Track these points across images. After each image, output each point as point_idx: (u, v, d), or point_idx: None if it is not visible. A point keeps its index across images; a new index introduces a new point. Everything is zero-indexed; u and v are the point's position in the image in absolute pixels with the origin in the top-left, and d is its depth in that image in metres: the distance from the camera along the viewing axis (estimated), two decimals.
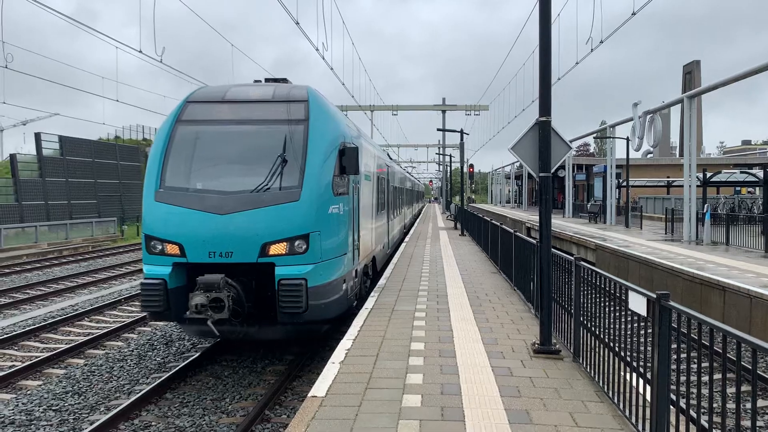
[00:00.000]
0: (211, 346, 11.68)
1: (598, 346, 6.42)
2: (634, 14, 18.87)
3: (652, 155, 59.67)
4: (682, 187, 24.99)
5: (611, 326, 5.97)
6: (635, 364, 5.31)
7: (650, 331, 4.77)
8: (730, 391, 9.15)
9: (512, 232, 13.42)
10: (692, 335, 4.34)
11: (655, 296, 4.68)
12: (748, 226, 22.14)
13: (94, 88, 79.29)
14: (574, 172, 50.20)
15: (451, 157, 58.50)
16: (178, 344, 12.61)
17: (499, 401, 6.00)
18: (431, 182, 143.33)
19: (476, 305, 11.14)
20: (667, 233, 26.40)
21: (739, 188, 44.05)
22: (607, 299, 6.15)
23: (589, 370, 6.75)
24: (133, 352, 12.01)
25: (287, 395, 9.26)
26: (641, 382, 5.12)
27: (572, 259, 7.51)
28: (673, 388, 4.61)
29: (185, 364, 10.38)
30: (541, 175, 7.91)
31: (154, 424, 8.18)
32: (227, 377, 10.12)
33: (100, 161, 48.43)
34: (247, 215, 9.19)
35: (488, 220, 19.93)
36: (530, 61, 30.47)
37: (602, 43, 20.91)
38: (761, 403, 8.86)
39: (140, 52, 18.74)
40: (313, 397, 6.19)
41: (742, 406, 7.98)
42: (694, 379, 5.92)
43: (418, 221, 47.24)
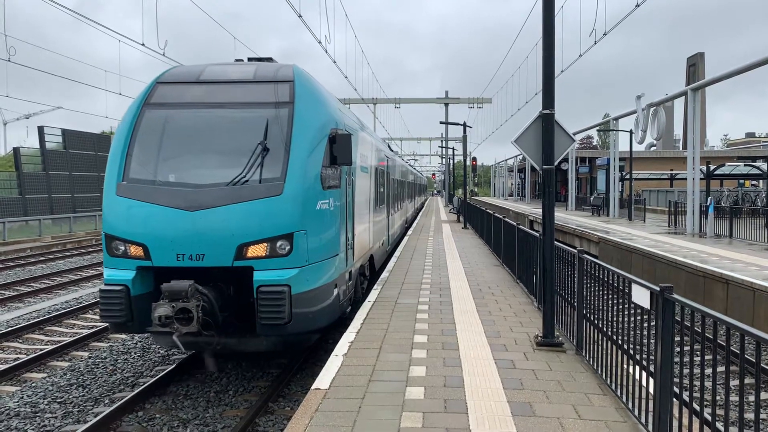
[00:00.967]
0: None
1: (601, 338, 6.42)
2: (638, 5, 18.78)
3: (655, 148, 59.51)
4: (685, 179, 24.93)
5: (614, 319, 5.97)
6: (638, 356, 5.32)
7: (653, 323, 4.78)
8: (733, 383, 9.16)
9: (515, 224, 13.41)
10: (695, 328, 4.34)
11: (658, 289, 4.68)
12: (751, 218, 22.09)
13: (97, 81, 79.27)
14: (577, 164, 50.11)
15: (453, 150, 58.41)
16: None
17: (501, 394, 6.01)
18: (434, 175, 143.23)
19: (479, 298, 11.15)
20: (670, 226, 26.36)
21: (742, 181, 43.91)
22: (610, 292, 6.15)
23: (592, 362, 6.76)
24: (137, 344, 12.05)
25: (291, 388, 9.29)
26: (644, 374, 5.13)
27: (575, 252, 7.50)
28: (676, 380, 4.61)
29: (188, 356, 10.42)
30: (544, 167, 7.89)
31: (158, 416, 8.22)
32: (231, 370, 10.15)
33: (103, 154, 48.41)
34: (221, 212, 8.09)
35: (491, 212, 19.92)
36: (534, 53, 30.38)
37: (606, 35, 20.83)
38: (764, 395, 8.86)
39: (143, 45, 18.72)
40: (316, 389, 6.21)
41: (745, 398, 7.99)
42: (697, 371, 5.87)
43: (420, 214, 47.24)
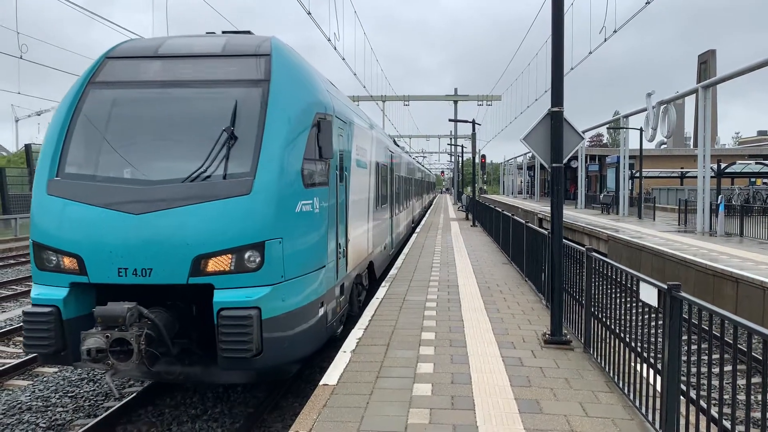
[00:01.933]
0: None
1: (608, 336, 6.42)
2: (648, 3, 18.68)
3: (665, 146, 59.20)
4: (696, 178, 24.76)
5: (622, 317, 5.97)
6: (646, 354, 5.32)
7: (661, 322, 4.78)
8: (741, 382, 9.13)
9: (523, 222, 13.40)
10: (703, 326, 4.34)
11: (666, 287, 4.68)
12: (762, 217, 21.92)
13: None
14: (587, 162, 49.92)
15: (462, 147, 58.38)
16: None
17: (509, 391, 6.03)
18: (443, 173, 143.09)
19: (487, 295, 11.16)
20: (680, 224, 26.22)
21: (754, 179, 43.60)
22: (618, 290, 6.15)
23: (599, 360, 6.76)
24: None
25: (299, 383, 9.35)
26: (652, 372, 5.13)
27: (584, 250, 7.50)
28: (683, 378, 4.62)
29: None
30: (553, 165, 7.89)
31: (167, 411, 8.29)
32: None
33: None
34: (174, 215, 6.55)
35: (499, 210, 19.90)
36: (543, 50, 30.29)
37: (615, 32, 20.74)
38: None
39: None
40: (324, 385, 6.25)
41: (753, 397, 7.97)
42: (704, 370, 5.89)
43: (429, 212, 47.23)
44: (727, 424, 4.04)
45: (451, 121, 44.46)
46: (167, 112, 7.35)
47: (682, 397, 4.65)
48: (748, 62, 19.82)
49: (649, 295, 5.10)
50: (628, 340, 5.80)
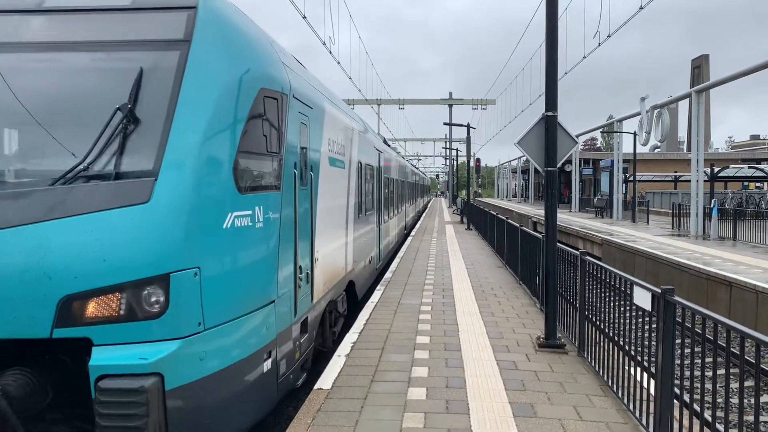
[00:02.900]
0: None
1: (602, 340, 6.44)
2: (641, 8, 18.79)
3: (659, 150, 59.47)
4: (689, 182, 24.90)
5: (616, 321, 5.99)
6: (640, 358, 5.33)
7: (655, 325, 4.80)
8: (734, 386, 9.17)
9: (518, 226, 13.43)
10: (697, 330, 4.36)
11: (659, 291, 4.70)
12: (755, 221, 22.05)
13: None
14: (580, 166, 50.07)
15: (457, 151, 58.43)
16: None
17: (503, 395, 6.03)
18: (437, 176, 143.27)
19: (482, 299, 11.17)
20: (674, 228, 26.33)
21: (747, 183, 43.82)
22: (612, 294, 6.17)
23: (593, 364, 6.78)
24: None
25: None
26: (645, 376, 5.15)
27: (578, 253, 7.53)
28: (677, 382, 4.63)
29: None
30: (547, 169, 7.92)
31: None
32: None
33: None
34: (31, 235, 4.43)
35: (494, 214, 19.94)
36: (538, 54, 30.39)
37: (609, 37, 20.84)
38: (765, 398, 8.86)
39: None
40: (319, 389, 6.24)
41: (746, 401, 8.00)
42: (698, 373, 5.89)
43: (424, 216, 47.26)
44: (720, 427, 4.06)
45: (446, 124, 44.55)
46: (44, 84, 5.17)
47: (675, 400, 4.67)
48: (747, 65, 19.94)
49: (642, 298, 5.12)
50: (622, 343, 5.81)
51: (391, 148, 23.15)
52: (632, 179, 34.70)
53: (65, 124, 5.01)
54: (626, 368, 5.65)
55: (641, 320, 5.32)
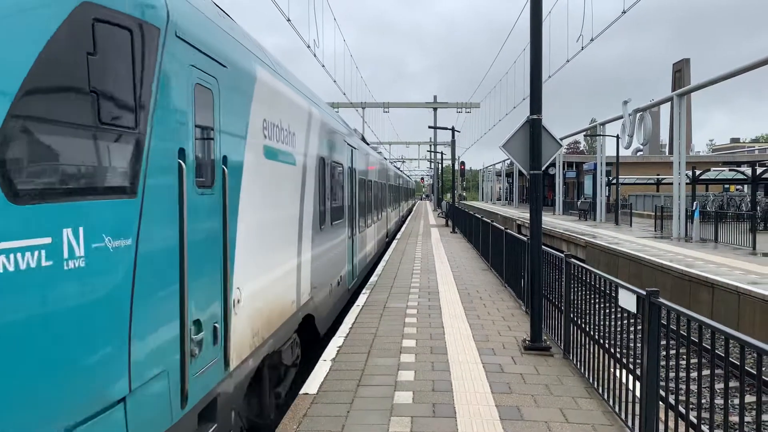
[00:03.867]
0: None
1: (588, 342, 6.47)
2: (624, 12, 18.97)
3: (642, 153, 60.03)
4: (671, 184, 25.15)
5: (601, 323, 6.02)
6: (625, 360, 5.36)
7: (640, 327, 4.82)
8: (718, 386, 9.25)
9: (503, 229, 13.47)
10: (681, 332, 4.38)
11: (644, 293, 4.72)
12: (736, 223, 22.31)
13: None
14: (564, 169, 50.42)
15: (442, 154, 58.62)
16: None
17: (490, 398, 6.03)
18: (423, 179, 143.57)
19: (467, 302, 11.18)
20: (656, 230, 26.58)
21: (727, 186, 44.38)
22: (597, 296, 6.19)
23: (579, 366, 6.80)
24: None
25: None
26: (631, 378, 5.17)
27: (563, 256, 7.55)
28: (662, 384, 4.65)
29: None
30: (531, 172, 7.94)
31: None
32: None
33: None
34: None
35: (479, 217, 19.99)
36: (522, 58, 30.57)
37: (593, 41, 21.01)
38: (749, 398, 8.95)
39: None
40: (305, 394, 6.20)
41: (730, 401, 8.07)
42: (683, 375, 5.96)
43: (409, 218, 47.28)
44: (705, 428, 4.08)
45: (430, 128, 44.68)
46: None
47: (661, 402, 4.69)
48: (731, 67, 20.21)
49: (627, 301, 5.15)
50: (607, 346, 5.84)
51: (371, 147, 21.05)
52: (615, 182, 34.99)
53: None
54: (612, 370, 5.68)
55: (626, 322, 5.35)
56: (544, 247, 8.27)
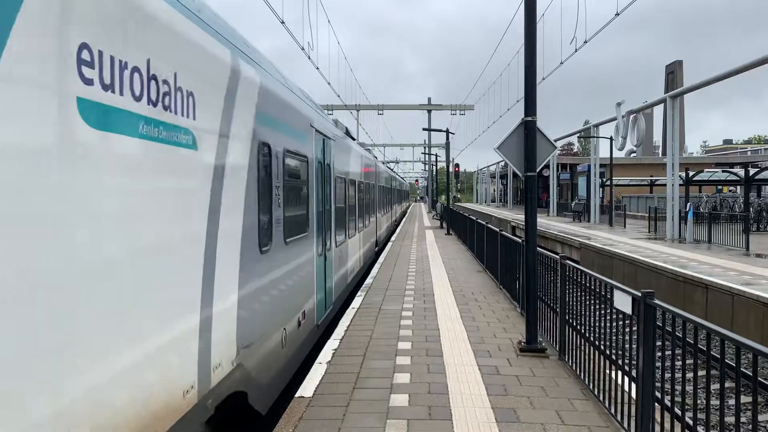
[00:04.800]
0: None
1: (583, 344, 6.47)
2: (617, 14, 19.04)
3: (635, 154, 60.22)
4: (665, 186, 25.25)
5: (597, 324, 6.02)
6: (620, 362, 5.36)
7: (635, 329, 4.82)
8: (714, 387, 9.28)
9: (498, 231, 13.47)
10: (677, 333, 4.39)
11: (640, 294, 4.73)
12: (729, 224, 22.42)
13: None
14: (558, 171, 50.56)
15: (437, 156, 58.67)
16: None
17: (486, 400, 6.02)
18: (417, 181, 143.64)
19: (462, 304, 11.18)
20: (650, 232, 26.66)
21: (720, 187, 44.57)
22: (592, 298, 6.20)
23: (575, 368, 6.80)
24: None
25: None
26: (626, 379, 5.17)
27: (558, 258, 7.56)
28: (658, 385, 4.66)
29: None
30: (526, 174, 7.95)
31: None
32: None
33: None
34: None
35: (474, 219, 20.01)
36: (516, 60, 30.62)
37: (586, 43, 21.07)
38: (744, 399, 8.98)
39: None
40: (300, 397, 6.18)
41: (726, 402, 8.09)
42: (678, 376, 5.95)
43: (404, 221, 47.27)
44: (701, 429, 4.09)
45: (425, 130, 44.68)
46: None
47: (656, 403, 4.69)
48: (725, 68, 20.27)
49: (623, 302, 5.15)
50: (602, 347, 5.84)
51: (358, 144, 18.70)
52: (609, 183, 35.09)
53: None
54: (607, 372, 5.68)
55: (622, 324, 5.36)
56: (538, 248, 8.27)
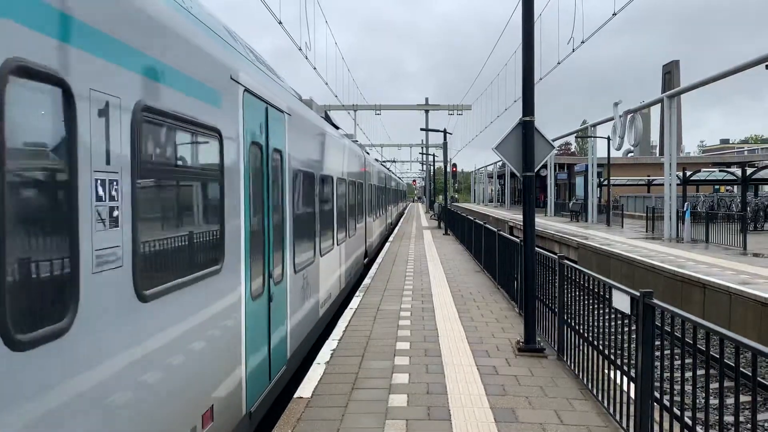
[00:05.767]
0: None
1: (582, 344, 6.47)
2: (614, 14, 19.06)
3: (632, 154, 60.34)
4: (662, 185, 25.27)
5: (595, 324, 6.02)
6: (619, 361, 5.36)
7: (634, 328, 4.82)
8: (713, 387, 9.28)
9: (495, 231, 13.48)
10: (675, 333, 4.39)
11: (638, 294, 4.73)
12: (726, 224, 22.44)
13: None
14: (555, 171, 50.59)
15: (434, 156, 58.68)
16: None
17: (484, 400, 6.02)
18: (415, 181, 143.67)
19: (461, 304, 11.18)
20: (648, 231, 26.69)
21: (718, 186, 44.65)
22: (590, 297, 6.20)
23: (573, 368, 6.80)
24: None
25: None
26: (625, 379, 5.17)
27: (556, 258, 7.56)
28: (657, 385, 4.66)
29: None
30: (524, 174, 7.95)
31: None
32: None
33: None
34: None
35: (471, 219, 20.01)
36: (513, 60, 30.64)
37: (584, 43, 21.09)
38: (744, 398, 8.99)
39: None
40: (299, 398, 6.17)
41: (725, 402, 8.10)
42: (677, 376, 5.94)
43: (401, 221, 47.27)
44: (700, 429, 4.09)
45: (422, 130, 44.70)
46: None
47: (655, 403, 4.69)
48: (724, 67, 20.31)
49: (621, 302, 5.15)
50: (601, 347, 5.84)
51: (345, 136, 15.38)
52: (606, 183, 35.12)
53: None
54: (606, 372, 5.68)
55: (620, 323, 5.36)
56: (536, 248, 8.28)
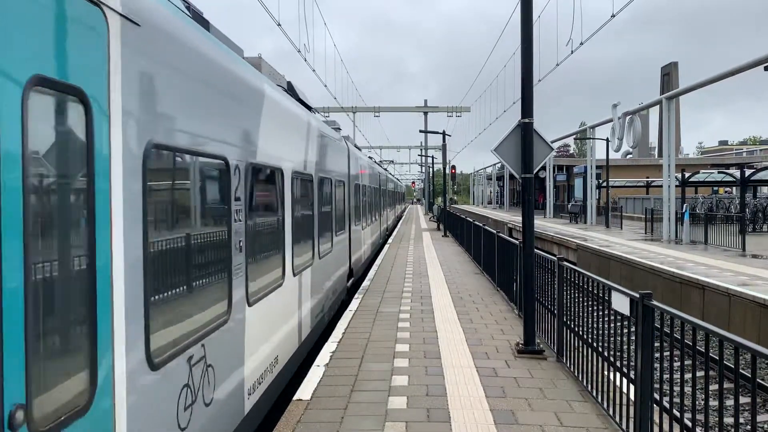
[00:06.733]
0: None
1: (581, 345, 6.47)
2: (613, 16, 19.10)
3: (631, 156, 60.38)
4: (661, 187, 25.30)
5: (594, 326, 6.02)
6: (618, 363, 5.36)
7: (633, 330, 4.82)
8: (713, 388, 9.29)
9: (494, 233, 13.48)
10: (675, 334, 4.39)
11: (638, 296, 4.73)
12: (725, 225, 22.47)
13: None
14: (554, 172, 50.61)
15: (433, 158, 58.71)
16: None
17: (484, 402, 6.02)
18: (414, 183, 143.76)
19: (460, 306, 11.17)
20: (646, 233, 26.70)
21: (716, 188, 44.70)
22: (590, 299, 6.20)
23: (573, 369, 6.80)
24: None
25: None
26: (624, 381, 5.17)
27: (555, 259, 7.56)
28: (656, 386, 4.66)
29: None
30: (523, 176, 7.96)
31: None
32: None
33: None
34: None
35: (470, 221, 20.02)
36: (512, 61, 30.68)
37: (582, 44, 21.13)
38: (743, 399, 8.99)
39: None
40: (298, 400, 6.16)
41: (724, 403, 8.10)
42: (677, 377, 5.95)
43: (400, 223, 47.28)
44: (699, 430, 4.08)
45: (421, 132, 44.72)
46: None
47: (655, 405, 4.69)
48: (724, 68, 20.32)
49: (621, 303, 5.15)
50: (600, 349, 5.84)
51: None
52: (605, 185, 35.15)
53: None
54: (605, 373, 5.68)
55: (619, 325, 5.36)
56: (536, 250, 8.28)
